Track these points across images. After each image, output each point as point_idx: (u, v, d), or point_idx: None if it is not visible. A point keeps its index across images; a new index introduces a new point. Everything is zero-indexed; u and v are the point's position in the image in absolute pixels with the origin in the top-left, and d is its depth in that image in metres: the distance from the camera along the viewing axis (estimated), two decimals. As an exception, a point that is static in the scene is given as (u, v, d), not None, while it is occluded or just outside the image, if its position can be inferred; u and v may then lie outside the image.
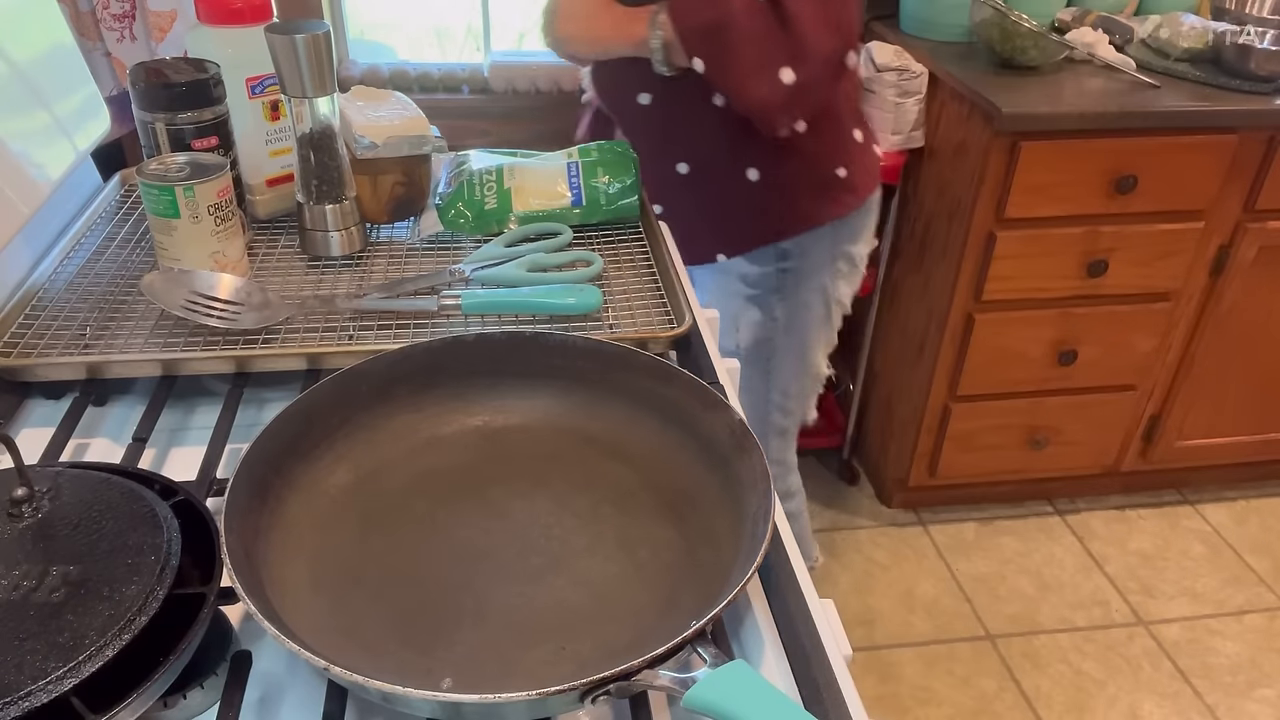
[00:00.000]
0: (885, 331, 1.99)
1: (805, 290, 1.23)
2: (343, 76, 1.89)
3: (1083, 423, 1.89)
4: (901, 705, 1.63)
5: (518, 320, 0.76)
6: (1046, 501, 2.08)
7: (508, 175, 0.89)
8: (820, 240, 1.20)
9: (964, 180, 1.63)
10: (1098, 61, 1.69)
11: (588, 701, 0.42)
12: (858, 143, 1.19)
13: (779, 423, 1.32)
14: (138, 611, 0.43)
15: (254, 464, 0.53)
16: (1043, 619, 1.79)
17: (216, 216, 0.75)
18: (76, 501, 0.49)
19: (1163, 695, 1.65)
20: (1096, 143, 1.55)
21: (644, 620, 0.51)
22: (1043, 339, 1.76)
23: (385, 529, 0.56)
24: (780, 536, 0.58)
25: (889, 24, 1.88)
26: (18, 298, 0.74)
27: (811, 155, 1.14)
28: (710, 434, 0.58)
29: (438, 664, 0.48)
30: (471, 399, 0.64)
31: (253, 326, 0.72)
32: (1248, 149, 1.61)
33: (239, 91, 0.83)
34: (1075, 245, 1.65)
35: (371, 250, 0.87)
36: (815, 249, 1.21)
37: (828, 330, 1.28)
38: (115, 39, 1.50)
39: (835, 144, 1.16)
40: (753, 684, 0.42)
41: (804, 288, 1.22)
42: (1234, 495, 2.11)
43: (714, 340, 0.83)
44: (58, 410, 0.68)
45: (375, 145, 0.84)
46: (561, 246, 0.85)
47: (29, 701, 0.39)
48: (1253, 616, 1.81)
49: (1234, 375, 1.88)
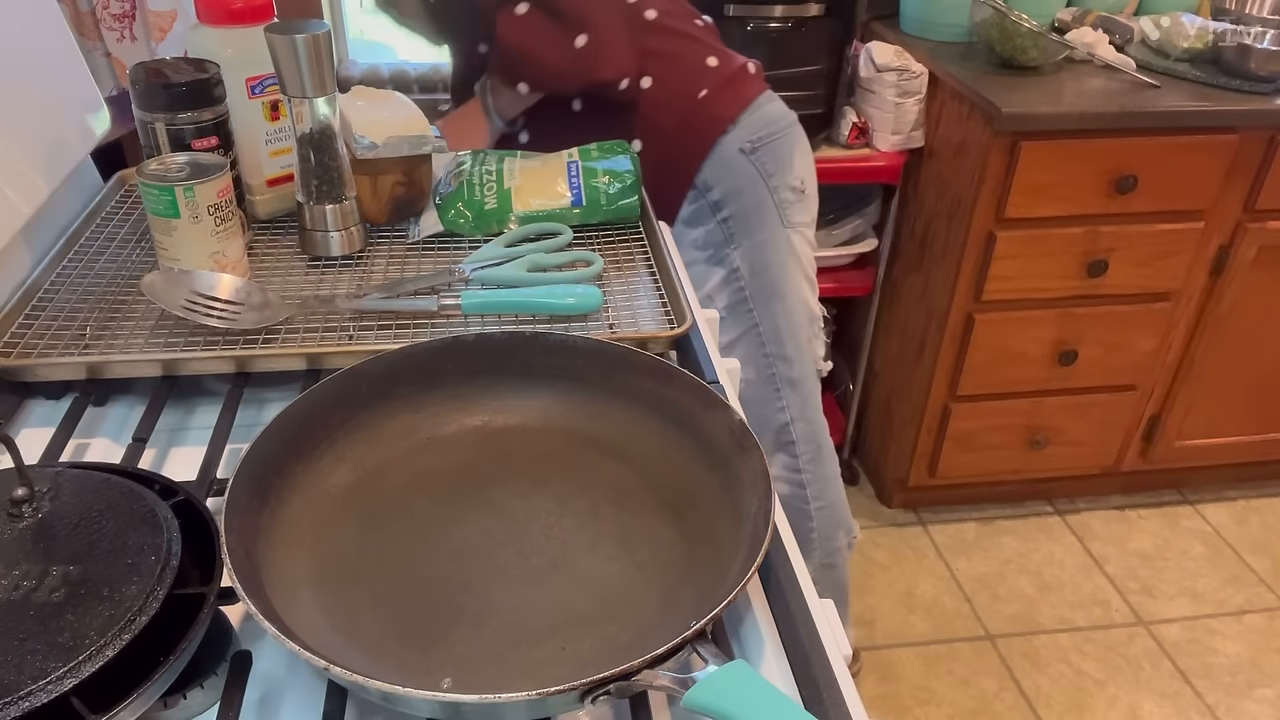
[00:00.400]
0: (885, 331, 1.99)
1: (756, 231, 1.22)
2: (343, 76, 1.89)
3: (1083, 423, 1.89)
4: (901, 705, 1.63)
5: (518, 320, 0.76)
6: (1046, 501, 2.08)
7: (508, 175, 0.89)
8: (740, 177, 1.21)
9: (964, 180, 1.63)
10: (1098, 61, 1.69)
11: (588, 701, 0.42)
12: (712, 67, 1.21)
13: (784, 373, 1.29)
14: (138, 611, 0.43)
15: (254, 464, 0.53)
16: (1043, 619, 1.79)
17: (216, 216, 0.75)
18: (76, 501, 0.49)
19: (1163, 695, 1.65)
20: (1096, 143, 1.55)
21: (644, 620, 0.51)
22: (1043, 339, 1.76)
23: (385, 529, 0.56)
24: (780, 536, 0.58)
25: (889, 24, 1.88)
26: (18, 298, 0.74)
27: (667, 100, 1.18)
28: (710, 434, 0.58)
29: (438, 664, 0.48)
30: (471, 399, 0.64)
31: (253, 326, 0.72)
32: (1248, 149, 1.61)
33: (239, 91, 0.83)
34: (1075, 245, 1.65)
35: (371, 250, 0.87)
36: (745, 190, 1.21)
37: (798, 263, 1.27)
38: (115, 39, 1.50)
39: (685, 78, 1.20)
40: (753, 684, 0.42)
41: (754, 229, 1.22)
42: (1234, 495, 2.11)
43: (714, 340, 0.83)
44: (58, 410, 0.68)
45: (375, 145, 0.84)
46: (561, 246, 0.85)
47: (29, 701, 0.39)
48: (1253, 616, 1.81)
49: (1234, 375, 1.88)
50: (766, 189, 1.22)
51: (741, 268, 1.23)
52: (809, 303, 1.29)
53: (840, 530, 1.40)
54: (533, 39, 1.10)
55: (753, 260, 1.23)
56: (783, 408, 1.30)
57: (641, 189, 0.91)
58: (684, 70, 1.19)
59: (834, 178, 1.73)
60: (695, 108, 1.19)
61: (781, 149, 1.23)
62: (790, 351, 1.28)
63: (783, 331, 1.27)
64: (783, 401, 1.30)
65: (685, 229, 1.23)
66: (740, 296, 1.25)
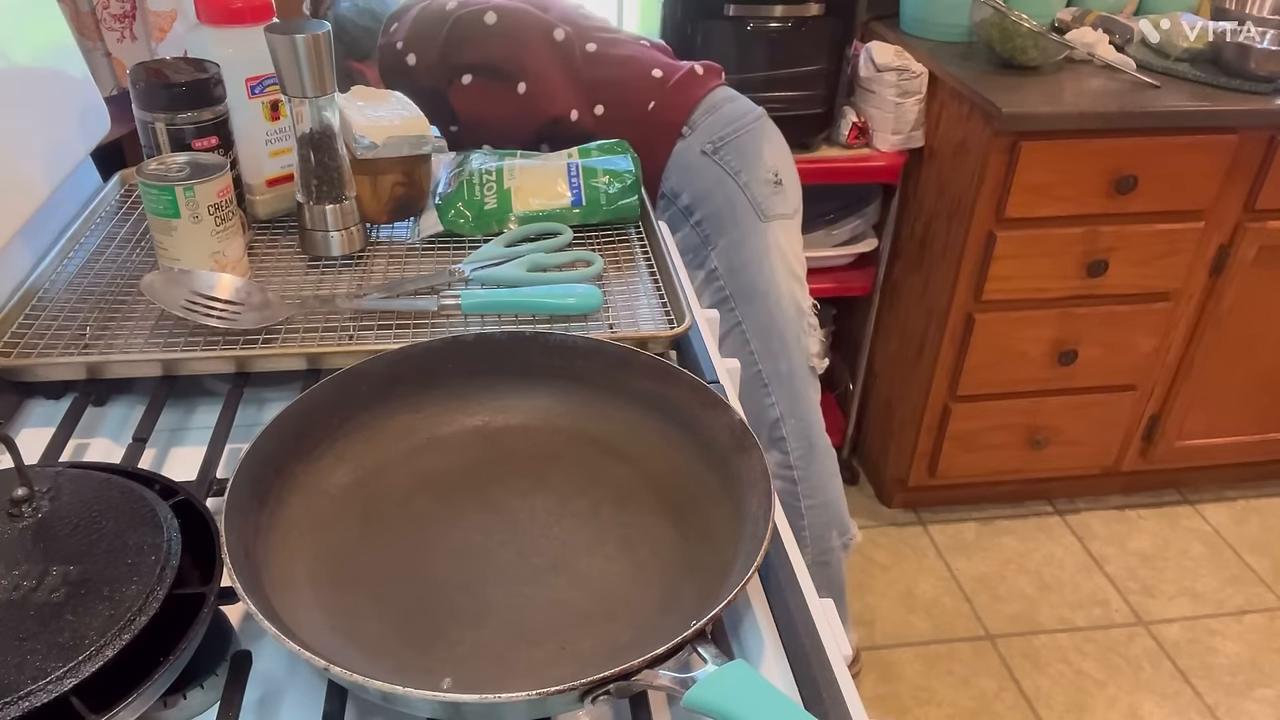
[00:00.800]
0: (885, 331, 1.99)
1: (731, 229, 1.23)
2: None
3: (1083, 423, 1.89)
4: (901, 705, 1.63)
5: (518, 320, 0.76)
6: (1046, 501, 2.07)
7: (508, 175, 0.89)
8: (706, 179, 1.22)
9: (964, 180, 1.63)
10: (1098, 61, 1.69)
11: (588, 701, 0.42)
12: (656, 79, 1.24)
13: (771, 369, 1.28)
14: (138, 611, 0.43)
15: (254, 464, 0.53)
16: (1043, 619, 1.79)
17: (216, 216, 0.75)
18: (76, 501, 0.49)
19: (1163, 695, 1.65)
20: (1096, 143, 1.55)
21: (644, 620, 0.51)
22: (1043, 339, 1.76)
23: (385, 529, 0.56)
24: (780, 536, 0.58)
25: (889, 24, 1.88)
26: (18, 298, 0.74)
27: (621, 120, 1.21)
28: (710, 434, 0.58)
29: (438, 664, 0.48)
30: (471, 399, 0.64)
31: (253, 326, 0.72)
32: (1248, 149, 1.61)
33: (239, 91, 0.83)
34: (1075, 245, 1.65)
35: (371, 250, 0.87)
36: (713, 191, 1.22)
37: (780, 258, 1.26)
38: (115, 39, 1.50)
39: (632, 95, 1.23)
40: (753, 684, 0.42)
41: (728, 228, 1.23)
42: (1234, 495, 2.11)
43: (714, 340, 0.83)
44: (58, 410, 0.68)
45: (375, 145, 0.84)
46: (561, 246, 0.85)
47: (29, 701, 0.39)
48: (1253, 616, 1.81)
49: (1234, 375, 1.88)
50: (736, 186, 1.22)
51: (719, 267, 1.24)
52: (796, 297, 1.28)
53: (833, 530, 1.38)
54: (482, 101, 1.20)
55: (730, 259, 1.24)
56: (772, 404, 1.29)
57: (641, 189, 0.91)
58: (630, 89, 1.23)
59: (834, 177, 1.73)
60: (646, 120, 1.22)
61: (748, 144, 1.23)
62: (776, 347, 1.27)
63: (767, 328, 1.26)
64: (771, 398, 1.29)
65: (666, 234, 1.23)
66: (722, 296, 1.25)
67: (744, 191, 1.23)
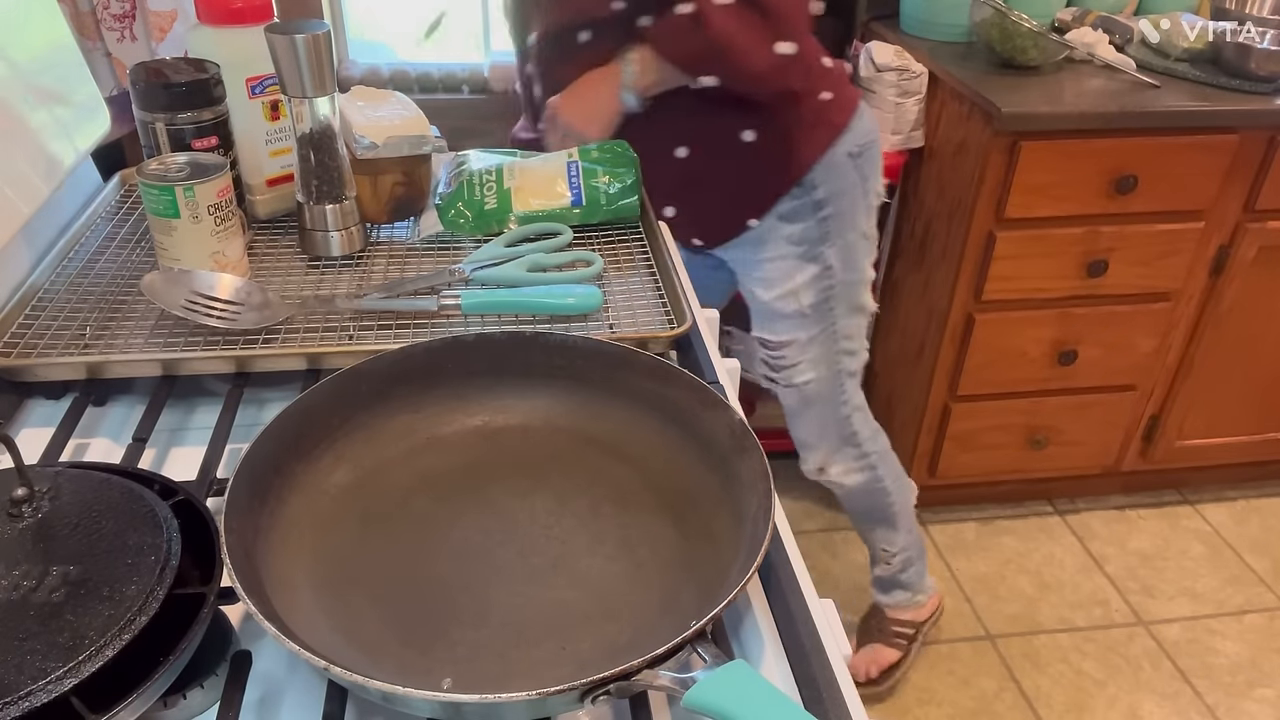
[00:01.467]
0: (885, 331, 1.99)
1: (849, 232, 1.27)
2: (343, 76, 1.89)
3: (1083, 423, 1.89)
4: (901, 705, 1.63)
5: (518, 320, 0.76)
6: (1046, 501, 2.07)
7: (508, 175, 0.89)
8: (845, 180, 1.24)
9: (964, 180, 1.63)
10: (1098, 61, 1.69)
11: (588, 701, 0.42)
12: (828, 68, 1.23)
13: (849, 366, 1.38)
14: (138, 611, 0.43)
15: (254, 464, 0.53)
16: (1043, 619, 1.79)
17: (216, 216, 0.75)
18: (76, 501, 0.49)
19: (1163, 695, 1.65)
20: (1096, 143, 1.55)
21: (644, 620, 0.51)
22: (1043, 339, 1.76)
23: (385, 529, 0.56)
24: (780, 536, 0.58)
25: (889, 24, 1.88)
26: (18, 298, 0.74)
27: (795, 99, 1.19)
28: (710, 434, 0.58)
29: (438, 664, 0.48)
30: (471, 399, 0.64)
31: (253, 326, 0.72)
32: (1248, 149, 1.61)
33: (239, 91, 0.83)
34: (1075, 245, 1.65)
35: (371, 250, 0.87)
36: (847, 192, 1.25)
37: (867, 264, 1.33)
38: (115, 39, 1.50)
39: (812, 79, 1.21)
40: (753, 684, 0.42)
41: (846, 230, 1.27)
42: (1234, 495, 2.11)
43: (714, 340, 0.83)
44: (58, 410, 0.68)
45: (375, 145, 0.84)
46: (561, 246, 0.85)
47: (29, 701, 0.39)
48: (1253, 616, 1.81)
49: (1234, 375, 1.88)
50: (863, 192, 1.27)
51: (835, 265, 1.28)
52: (868, 302, 1.37)
53: (910, 491, 1.55)
54: (744, 37, 1.04)
55: (845, 259, 1.28)
56: (844, 401, 1.39)
57: (641, 189, 0.91)
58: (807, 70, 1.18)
59: (834, 178, 1.73)
60: (819, 109, 1.21)
61: (877, 157, 1.28)
62: (857, 345, 1.37)
63: (851, 329, 1.34)
64: (845, 395, 1.39)
65: (780, 223, 1.25)
66: (827, 295, 1.30)
67: (866, 199, 1.28)
